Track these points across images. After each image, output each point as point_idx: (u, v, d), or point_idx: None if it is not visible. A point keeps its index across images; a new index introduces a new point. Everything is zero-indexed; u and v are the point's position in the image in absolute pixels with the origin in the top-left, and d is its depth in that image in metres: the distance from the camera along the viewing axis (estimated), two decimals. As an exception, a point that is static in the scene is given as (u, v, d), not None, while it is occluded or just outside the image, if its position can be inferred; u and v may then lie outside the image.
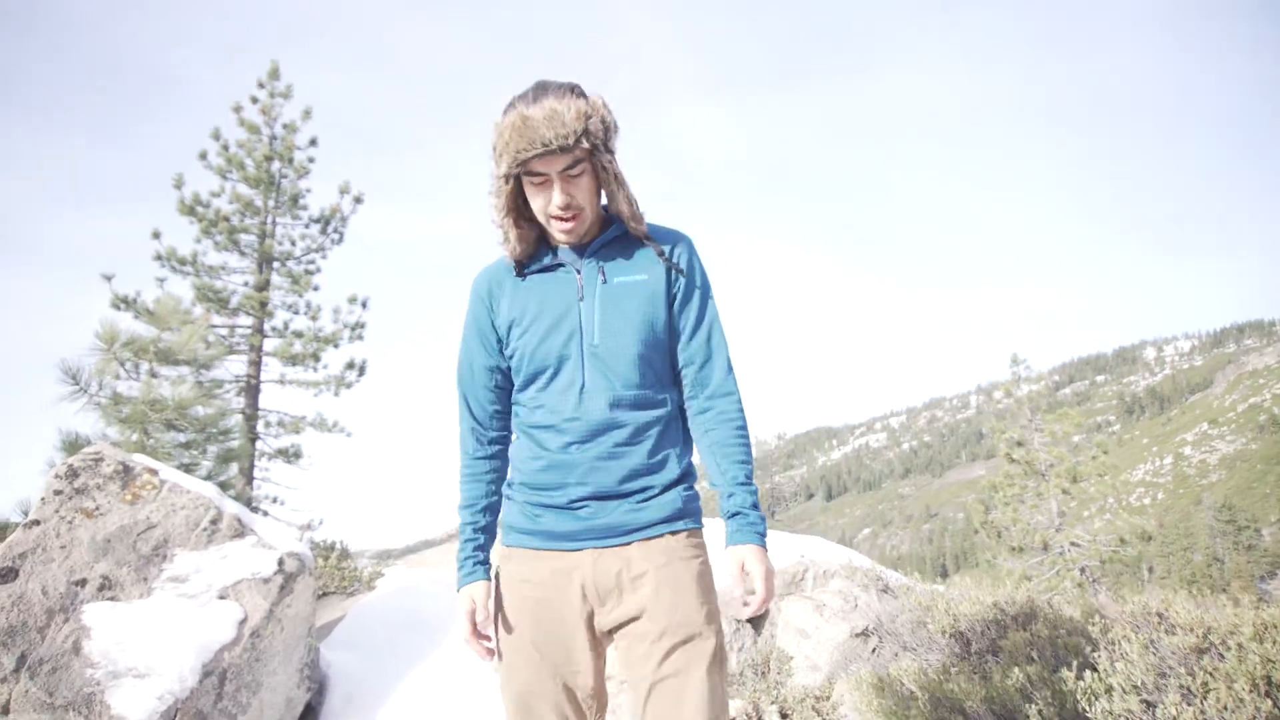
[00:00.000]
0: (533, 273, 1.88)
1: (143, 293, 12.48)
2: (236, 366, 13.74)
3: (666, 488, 1.82)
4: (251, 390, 13.73)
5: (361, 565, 6.37)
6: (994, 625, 3.73)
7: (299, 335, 13.93)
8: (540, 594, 1.79)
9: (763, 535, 1.79)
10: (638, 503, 1.79)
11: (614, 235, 1.87)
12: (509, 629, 1.82)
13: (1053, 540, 11.23)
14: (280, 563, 4.29)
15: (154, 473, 4.30)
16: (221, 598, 4.02)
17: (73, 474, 4.14)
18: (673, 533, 1.80)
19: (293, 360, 13.77)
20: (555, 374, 1.82)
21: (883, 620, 4.39)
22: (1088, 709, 2.71)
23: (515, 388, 1.92)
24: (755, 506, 1.82)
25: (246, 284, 13.67)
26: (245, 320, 13.82)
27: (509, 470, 1.96)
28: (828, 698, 4.36)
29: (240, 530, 4.35)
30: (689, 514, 1.85)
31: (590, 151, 1.71)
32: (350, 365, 14.02)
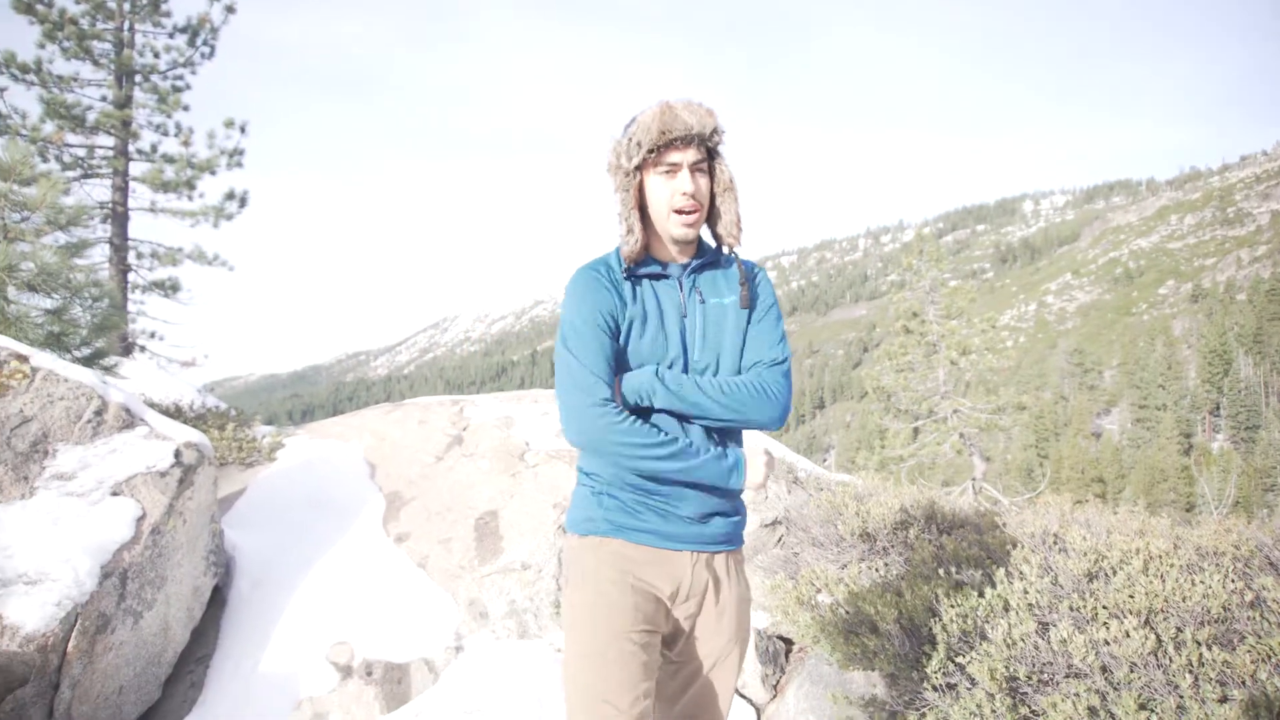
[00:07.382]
0: (642, 276, 1.93)
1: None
2: (99, 191, 12.69)
3: (738, 507, 2.02)
4: (119, 218, 12.72)
5: (260, 435, 6.12)
6: (900, 527, 3.94)
7: (170, 160, 12.88)
8: (644, 581, 1.87)
9: None
10: (728, 517, 1.98)
11: (710, 259, 1.99)
12: (609, 608, 1.83)
13: (938, 407, 12.07)
14: (177, 454, 4.04)
15: (23, 359, 3.88)
16: (115, 494, 3.77)
17: (-74, 360, 3.69)
18: (734, 551, 2.02)
19: (164, 187, 12.79)
20: None
21: (791, 513, 4.57)
22: (989, 629, 2.91)
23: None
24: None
25: (105, 99, 12.29)
26: (106, 140, 12.59)
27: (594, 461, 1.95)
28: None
29: (129, 421, 4.04)
30: (741, 531, 2.07)
31: (711, 154, 1.87)
32: (230, 195, 13.17)
